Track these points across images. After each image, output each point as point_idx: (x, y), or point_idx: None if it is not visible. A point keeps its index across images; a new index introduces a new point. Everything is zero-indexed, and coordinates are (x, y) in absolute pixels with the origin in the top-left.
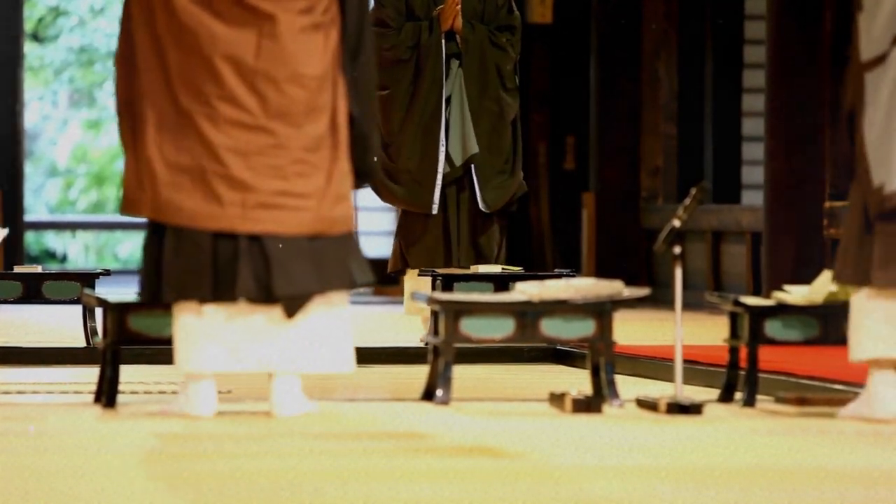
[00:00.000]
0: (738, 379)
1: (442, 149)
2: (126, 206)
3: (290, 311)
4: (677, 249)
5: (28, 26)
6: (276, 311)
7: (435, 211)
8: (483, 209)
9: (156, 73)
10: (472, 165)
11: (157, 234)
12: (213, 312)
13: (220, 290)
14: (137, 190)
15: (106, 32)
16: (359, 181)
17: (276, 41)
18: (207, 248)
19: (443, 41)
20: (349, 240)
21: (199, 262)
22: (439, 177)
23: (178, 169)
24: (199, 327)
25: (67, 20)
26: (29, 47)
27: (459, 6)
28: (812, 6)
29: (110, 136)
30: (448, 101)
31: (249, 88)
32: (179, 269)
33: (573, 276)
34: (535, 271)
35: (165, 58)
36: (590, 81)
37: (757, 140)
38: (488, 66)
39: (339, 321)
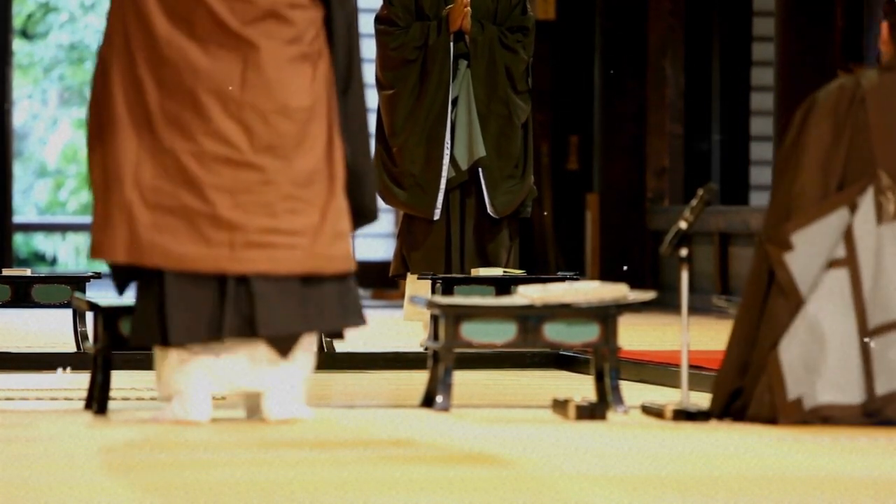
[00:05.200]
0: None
1: (447, 152)
2: (97, 249)
3: (282, 350)
4: (684, 252)
5: (17, 23)
6: (261, 348)
7: (437, 216)
8: (492, 214)
9: (135, 113)
10: (480, 170)
11: (143, 280)
12: (200, 350)
13: (208, 331)
14: (108, 233)
15: (97, 29)
16: (358, 222)
17: (261, 72)
18: (194, 290)
19: (451, 42)
20: (345, 280)
21: (190, 307)
22: (443, 181)
23: (161, 210)
24: (183, 358)
25: (57, 17)
26: (18, 44)
27: (469, 7)
28: (822, 1)
29: None
30: (455, 102)
31: (236, 122)
32: (173, 314)
33: (576, 279)
34: (538, 274)
35: (145, 96)
36: (594, 80)
37: (766, 139)
38: (497, 68)
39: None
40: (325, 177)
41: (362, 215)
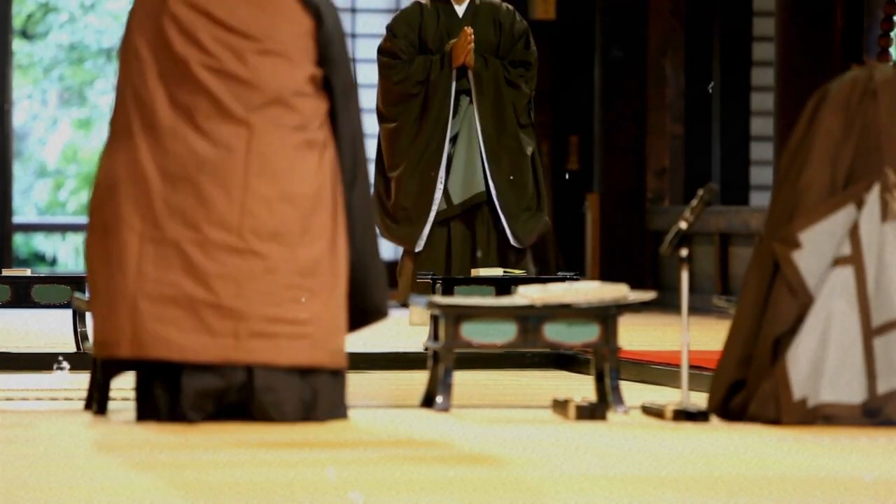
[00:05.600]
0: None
1: (440, 186)
2: (103, 347)
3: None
4: (684, 252)
5: (17, 23)
6: None
7: (420, 248)
8: (515, 245)
9: (140, 205)
10: (497, 203)
11: (147, 369)
12: None
13: (211, 405)
14: (113, 329)
15: (96, 29)
16: (367, 320)
17: (265, 158)
18: (200, 378)
19: (453, 77)
20: (339, 374)
21: (199, 393)
22: (432, 214)
23: (164, 300)
24: None
25: (57, 17)
26: (18, 44)
27: (472, 44)
28: (822, 1)
29: (101, 135)
30: (455, 138)
31: (239, 209)
32: (185, 403)
33: (577, 279)
34: (538, 274)
35: (149, 188)
36: (594, 80)
37: (766, 140)
38: (504, 104)
39: None
40: (329, 268)
41: (371, 313)
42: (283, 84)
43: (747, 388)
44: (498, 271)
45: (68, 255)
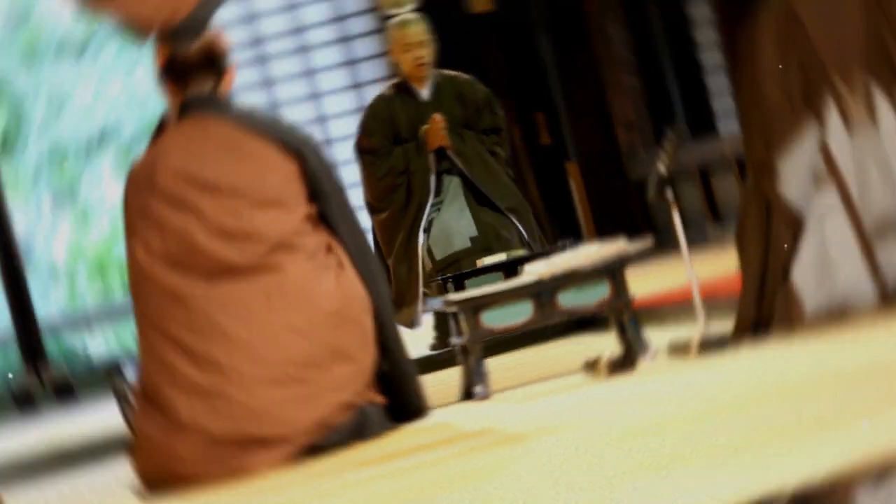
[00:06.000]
0: None
1: (419, 252)
2: (159, 480)
3: None
4: (670, 195)
5: None
6: None
7: (419, 325)
8: None
9: (176, 364)
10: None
11: None
12: None
13: None
14: (176, 462)
15: (71, 127)
16: (407, 418)
17: (283, 290)
18: None
19: (431, 162)
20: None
21: None
22: (420, 292)
23: (213, 441)
24: None
25: (30, 125)
26: (1, 162)
27: (445, 129)
28: None
29: (100, 226)
30: (439, 208)
31: (273, 343)
32: None
33: (576, 245)
34: (538, 251)
35: (183, 349)
36: (544, 57)
37: (719, 71)
38: (491, 169)
39: None
40: (361, 378)
41: (411, 413)
42: (282, 230)
43: (764, 322)
44: (501, 256)
45: (98, 345)
